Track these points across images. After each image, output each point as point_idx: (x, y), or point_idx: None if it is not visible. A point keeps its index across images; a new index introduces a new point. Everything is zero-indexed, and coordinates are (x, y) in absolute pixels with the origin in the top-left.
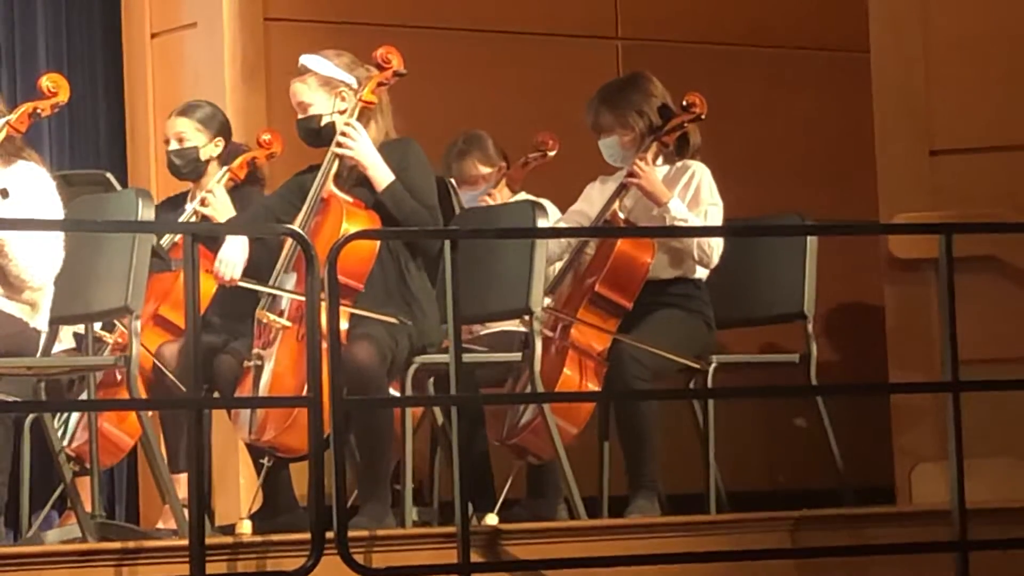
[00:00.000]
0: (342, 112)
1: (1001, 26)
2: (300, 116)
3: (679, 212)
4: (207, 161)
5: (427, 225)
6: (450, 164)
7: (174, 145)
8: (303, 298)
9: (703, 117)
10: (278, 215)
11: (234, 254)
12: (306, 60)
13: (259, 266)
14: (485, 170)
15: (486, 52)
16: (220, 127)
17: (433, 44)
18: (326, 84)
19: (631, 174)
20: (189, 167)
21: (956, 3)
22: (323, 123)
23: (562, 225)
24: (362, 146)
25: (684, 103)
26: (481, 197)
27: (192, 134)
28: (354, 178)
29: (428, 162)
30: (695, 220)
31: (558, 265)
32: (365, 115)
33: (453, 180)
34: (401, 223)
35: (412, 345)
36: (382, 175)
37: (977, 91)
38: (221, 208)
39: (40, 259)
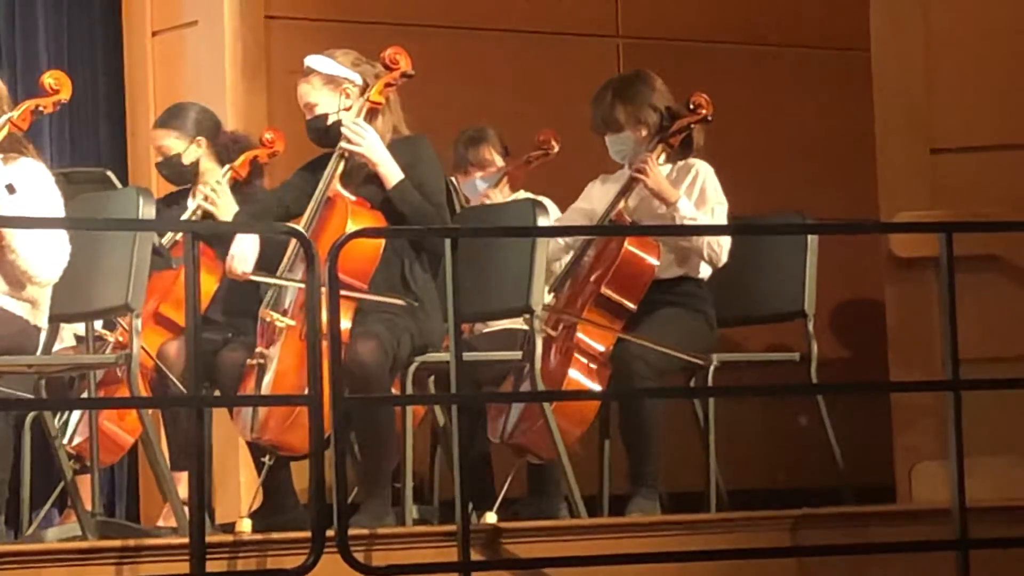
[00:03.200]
0: (347, 109)
1: (1002, 24)
2: (308, 117)
3: (688, 212)
4: (195, 163)
5: (434, 223)
6: (463, 152)
7: (158, 158)
8: None
9: (710, 119)
10: (289, 205)
11: (246, 248)
12: (309, 60)
13: (267, 260)
14: (498, 158)
15: (486, 50)
16: (198, 127)
17: (433, 42)
18: (330, 82)
19: (639, 171)
20: (176, 174)
21: (957, 1)
22: (330, 122)
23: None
24: (369, 143)
25: (691, 104)
26: (480, 197)
27: (171, 142)
28: (362, 176)
29: (438, 160)
30: (703, 219)
31: (557, 265)
32: (372, 114)
33: (462, 171)
34: (409, 220)
35: (414, 344)
36: (392, 172)
37: (978, 90)
38: (224, 206)
39: (47, 254)
